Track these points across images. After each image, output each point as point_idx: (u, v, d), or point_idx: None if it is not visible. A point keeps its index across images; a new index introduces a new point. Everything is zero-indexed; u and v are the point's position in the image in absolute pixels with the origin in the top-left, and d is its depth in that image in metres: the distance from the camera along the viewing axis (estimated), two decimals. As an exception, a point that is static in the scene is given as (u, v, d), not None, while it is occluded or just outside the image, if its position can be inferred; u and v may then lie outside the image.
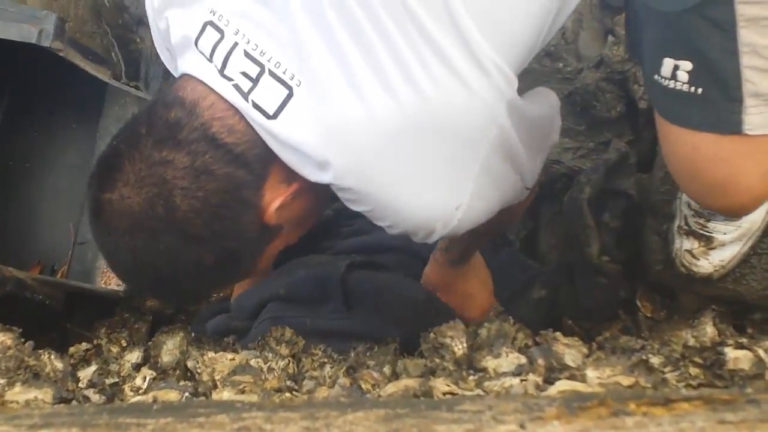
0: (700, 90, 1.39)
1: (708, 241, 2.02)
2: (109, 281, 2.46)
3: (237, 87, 1.50)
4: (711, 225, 2.01)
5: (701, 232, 2.02)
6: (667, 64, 1.41)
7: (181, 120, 1.50)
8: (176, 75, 1.65)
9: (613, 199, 2.22)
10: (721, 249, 2.03)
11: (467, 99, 1.45)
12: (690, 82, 1.40)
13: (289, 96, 1.47)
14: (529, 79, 2.27)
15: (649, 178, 2.25)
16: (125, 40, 3.09)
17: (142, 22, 3.05)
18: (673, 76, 1.41)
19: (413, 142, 1.46)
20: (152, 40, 1.77)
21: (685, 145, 1.53)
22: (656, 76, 1.45)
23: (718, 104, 1.41)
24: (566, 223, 2.29)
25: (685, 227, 2.05)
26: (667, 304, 2.26)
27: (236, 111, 1.51)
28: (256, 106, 1.49)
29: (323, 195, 1.72)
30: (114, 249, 1.58)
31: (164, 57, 1.73)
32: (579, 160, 2.38)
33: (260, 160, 1.55)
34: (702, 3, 1.33)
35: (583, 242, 2.18)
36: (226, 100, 1.51)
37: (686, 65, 1.39)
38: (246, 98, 1.49)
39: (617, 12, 2.65)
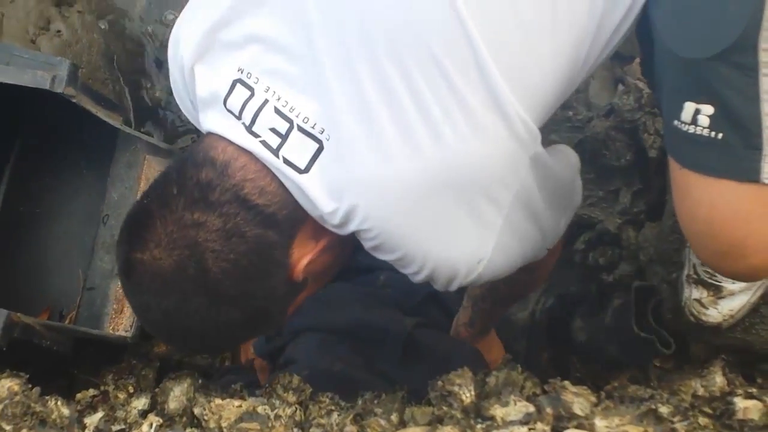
0: (720, 135, 1.38)
1: (717, 291, 2.02)
2: (117, 327, 2.46)
3: (265, 143, 1.50)
4: (720, 275, 2.01)
5: (710, 281, 2.02)
6: (688, 108, 1.40)
7: (213, 181, 1.51)
8: (197, 125, 1.66)
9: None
10: (730, 298, 2.02)
11: (492, 151, 1.46)
12: (711, 127, 1.39)
13: (320, 149, 1.48)
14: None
15: (658, 226, 2.25)
16: (137, 86, 3.11)
17: (154, 69, 3.07)
18: (694, 121, 1.40)
19: (438, 198, 1.47)
20: (164, 88, 1.77)
21: (702, 201, 1.50)
22: (676, 122, 1.43)
23: (738, 151, 1.39)
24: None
25: (694, 276, 2.04)
26: (677, 353, 2.25)
27: (268, 171, 1.52)
28: (287, 161, 1.50)
29: (349, 245, 1.71)
30: (145, 308, 1.58)
31: (184, 106, 1.73)
32: (588, 209, 2.38)
33: (290, 220, 1.55)
34: (727, 50, 1.33)
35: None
36: (258, 161, 1.52)
37: (708, 109, 1.38)
38: (276, 154, 1.50)
39: (627, 61, 2.66)
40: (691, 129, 1.41)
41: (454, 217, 1.50)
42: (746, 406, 1.67)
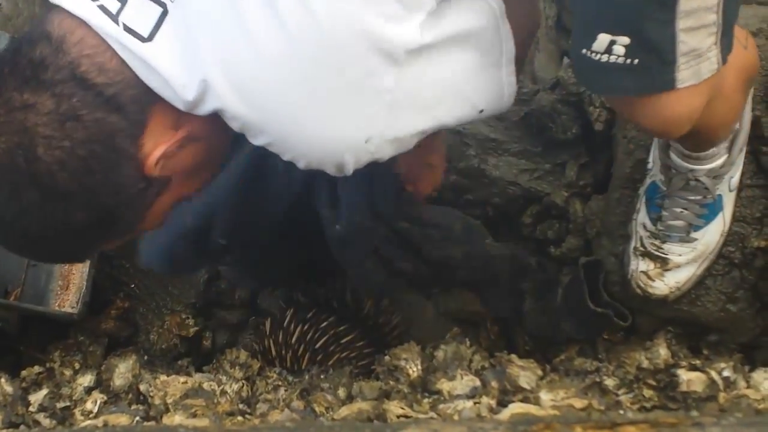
0: (636, 61, 1.40)
1: (663, 263, 2.03)
2: (63, 304, 2.44)
3: (103, 8, 1.34)
4: (666, 246, 2.02)
5: (657, 253, 2.03)
6: (602, 39, 1.39)
7: (47, 59, 1.34)
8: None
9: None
10: (676, 270, 2.04)
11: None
12: (626, 55, 1.39)
13: (164, 14, 1.35)
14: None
15: (604, 199, 2.25)
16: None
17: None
18: (608, 51, 1.40)
19: (305, 69, 1.33)
20: None
21: (624, 108, 1.60)
22: (585, 51, 1.43)
23: (653, 69, 1.42)
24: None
25: (641, 248, 2.05)
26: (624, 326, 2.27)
27: (108, 47, 1.35)
28: (128, 29, 1.34)
29: (220, 142, 1.56)
30: None
31: None
32: (535, 182, 2.37)
33: (137, 103, 1.38)
34: None
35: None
36: (96, 35, 1.35)
37: (624, 40, 1.38)
38: (116, 20, 1.34)
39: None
40: (604, 58, 1.41)
41: (324, 89, 1.35)
42: (690, 378, 1.69)
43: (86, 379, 1.95)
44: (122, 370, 1.93)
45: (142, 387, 1.82)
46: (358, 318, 2.46)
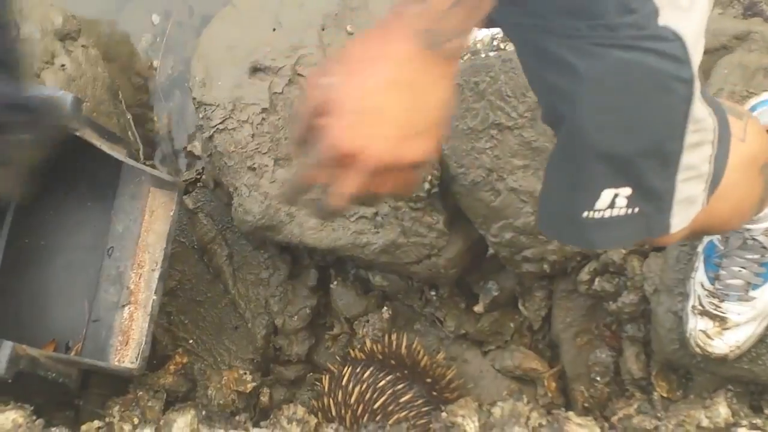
0: (636, 209, 1.40)
1: (722, 322, 2.01)
2: (123, 359, 2.46)
3: None
4: (725, 306, 2.00)
5: (715, 312, 2.01)
6: (606, 195, 1.39)
7: None
8: None
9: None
10: (735, 330, 2.02)
11: None
12: (628, 206, 1.40)
13: None
14: (541, 158, 2.29)
15: (663, 256, 2.25)
16: (142, 119, 3.12)
17: (160, 102, 3.08)
18: (611, 205, 1.40)
19: None
20: (168, 119, 1.72)
21: None
22: (586, 213, 1.41)
23: (650, 216, 1.42)
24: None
25: (700, 307, 2.04)
26: (684, 383, 2.25)
27: None
28: None
29: None
30: None
31: None
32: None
33: None
34: (657, 143, 1.35)
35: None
36: None
37: (626, 191, 1.38)
38: None
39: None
40: (607, 213, 1.41)
41: None
42: (751, 437, 1.67)
43: (145, 434, 1.96)
44: (180, 425, 1.94)
45: (201, 442, 1.84)
46: (415, 374, 2.46)
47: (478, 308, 2.74)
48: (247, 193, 2.55)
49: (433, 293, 2.80)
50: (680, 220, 1.45)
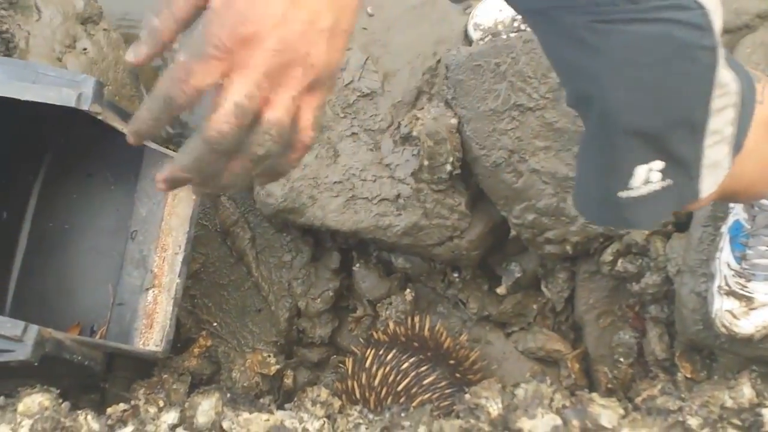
0: (670, 181, 1.40)
1: (749, 302, 2.00)
2: (147, 342, 2.47)
3: None
4: (752, 285, 1.99)
5: (742, 292, 2.00)
6: (640, 172, 1.39)
7: None
8: None
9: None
10: (762, 309, 2.01)
11: None
12: (662, 178, 1.40)
13: None
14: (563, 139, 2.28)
15: (686, 236, 2.24)
16: (164, 102, 3.12)
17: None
18: (647, 180, 1.40)
19: None
20: None
21: None
22: (621, 193, 1.41)
23: (681, 185, 1.42)
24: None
25: (726, 287, 2.03)
26: (707, 364, 2.24)
27: None
28: None
29: None
30: None
31: None
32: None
33: None
34: (683, 117, 1.36)
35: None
36: None
37: (658, 165, 1.38)
38: None
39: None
40: (644, 189, 1.41)
41: None
42: (776, 418, 1.66)
43: (170, 417, 1.97)
44: (205, 408, 1.95)
45: (225, 424, 1.84)
46: (438, 356, 2.47)
47: (501, 290, 2.74)
48: (270, 176, 2.55)
49: (455, 275, 2.80)
50: (709, 184, 1.45)
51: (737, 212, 2.00)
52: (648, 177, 1.39)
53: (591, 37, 1.30)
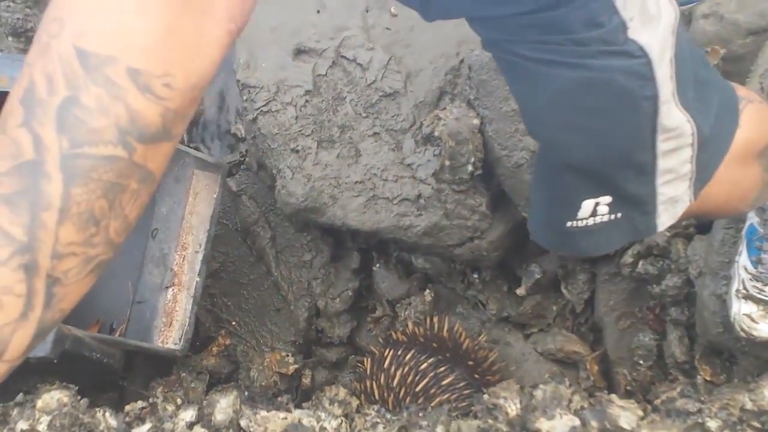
0: (619, 215, 1.45)
1: (766, 305, 2.00)
2: (167, 340, 2.48)
3: None
4: None
5: (759, 296, 2.00)
6: (587, 205, 1.43)
7: None
8: None
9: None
10: (781, 313, 2.01)
11: None
12: (610, 212, 1.44)
13: None
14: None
15: (708, 239, 2.23)
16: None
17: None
18: (593, 213, 1.43)
19: None
20: (212, 101, 1.73)
21: None
22: (570, 223, 1.46)
23: (636, 219, 1.46)
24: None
25: (743, 291, 2.02)
26: (727, 367, 2.23)
27: None
28: None
29: None
30: None
31: None
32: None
33: None
34: (627, 152, 1.38)
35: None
36: None
37: (606, 199, 1.43)
38: None
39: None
40: (590, 222, 1.45)
41: None
42: (796, 421, 1.65)
43: (188, 414, 1.97)
44: (223, 406, 1.95)
45: (243, 422, 1.84)
46: (456, 357, 2.46)
47: (521, 291, 2.74)
48: (291, 175, 2.56)
49: (475, 276, 2.80)
50: (667, 218, 1.48)
51: (751, 215, 1.99)
52: (595, 210, 1.44)
53: (537, 76, 1.33)
